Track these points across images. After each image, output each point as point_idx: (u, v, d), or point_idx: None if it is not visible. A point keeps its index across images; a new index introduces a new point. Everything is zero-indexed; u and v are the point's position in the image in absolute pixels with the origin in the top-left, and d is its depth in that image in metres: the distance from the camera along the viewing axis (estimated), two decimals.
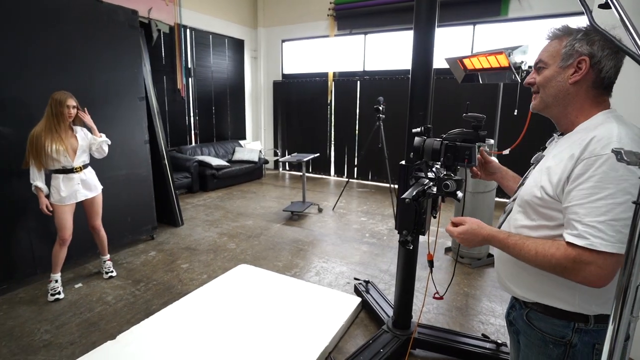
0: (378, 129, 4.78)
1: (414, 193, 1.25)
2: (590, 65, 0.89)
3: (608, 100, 0.94)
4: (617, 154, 0.59)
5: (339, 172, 7.20)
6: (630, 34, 0.76)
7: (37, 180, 2.50)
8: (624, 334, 0.62)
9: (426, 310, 2.56)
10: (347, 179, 6.11)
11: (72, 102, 2.53)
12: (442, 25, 5.68)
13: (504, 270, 1.09)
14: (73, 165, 2.60)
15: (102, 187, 2.85)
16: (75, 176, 2.63)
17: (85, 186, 2.70)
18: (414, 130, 1.44)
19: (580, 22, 0.93)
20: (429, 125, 1.41)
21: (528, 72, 2.98)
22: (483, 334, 2.16)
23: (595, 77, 0.90)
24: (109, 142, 2.81)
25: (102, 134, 2.76)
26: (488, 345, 2.02)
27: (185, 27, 5.97)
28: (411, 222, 1.27)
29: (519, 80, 2.84)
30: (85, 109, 2.69)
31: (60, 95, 2.49)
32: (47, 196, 2.56)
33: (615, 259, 0.80)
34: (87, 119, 2.68)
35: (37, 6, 2.68)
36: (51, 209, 2.55)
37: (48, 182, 2.57)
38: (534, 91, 1.02)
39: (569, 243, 0.84)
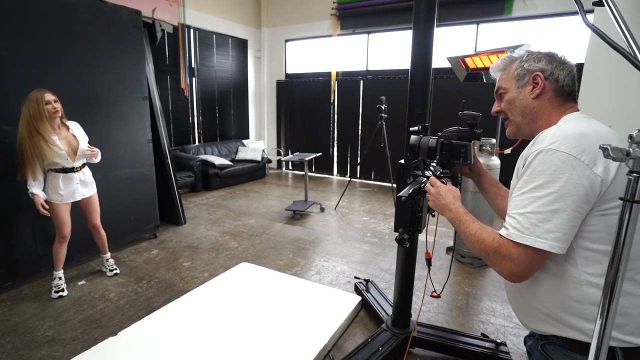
0: (380, 129, 4.78)
1: (410, 191, 1.26)
2: (545, 77, 0.96)
3: (575, 106, 0.98)
4: (604, 150, 0.59)
5: (341, 172, 7.20)
6: (623, 31, 0.76)
7: (34, 186, 2.44)
8: (611, 330, 0.62)
9: (426, 309, 2.56)
10: (349, 179, 6.11)
11: (50, 96, 2.41)
12: (446, 24, 5.67)
13: (515, 306, 1.05)
14: (74, 165, 2.59)
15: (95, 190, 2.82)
16: (75, 175, 2.62)
17: (83, 185, 2.70)
18: (411, 129, 1.45)
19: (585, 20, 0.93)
20: (426, 124, 1.42)
21: None
22: (482, 333, 2.15)
23: (555, 87, 0.96)
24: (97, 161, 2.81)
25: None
26: (487, 344, 2.02)
27: (189, 27, 6.00)
28: (407, 220, 1.27)
29: None
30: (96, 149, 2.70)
31: (35, 94, 2.38)
32: (46, 200, 2.52)
33: (531, 256, 0.82)
34: (98, 155, 2.71)
35: (41, 6, 2.71)
36: (47, 207, 2.49)
37: (46, 181, 2.55)
38: (503, 118, 1.07)
39: (500, 234, 0.89)
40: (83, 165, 2.70)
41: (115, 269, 3.03)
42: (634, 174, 0.57)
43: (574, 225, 0.81)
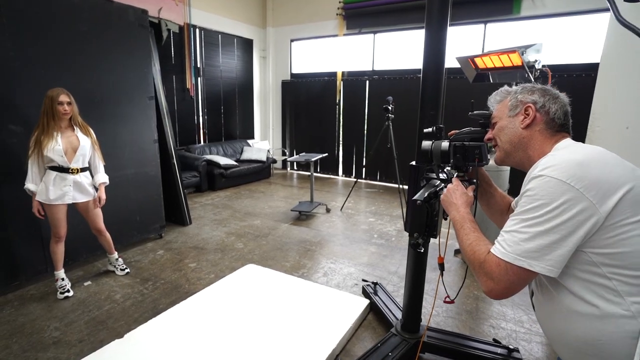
0: (387, 129, 4.74)
1: (426, 195, 1.22)
2: (536, 109, 0.99)
3: (567, 136, 1.00)
4: None
5: (347, 172, 7.16)
6: None
7: (29, 182, 2.45)
8: None
9: (435, 313, 2.52)
10: (355, 179, 6.06)
11: (65, 98, 2.46)
12: (453, 24, 5.60)
13: (563, 355, 0.97)
14: (70, 165, 2.53)
15: (95, 194, 2.75)
16: (69, 177, 2.54)
17: (77, 189, 2.60)
18: (425, 130, 1.41)
19: (595, 19, 0.91)
20: (440, 125, 1.38)
21: (542, 71, 2.89)
22: (494, 339, 2.11)
23: (546, 119, 0.98)
24: (106, 183, 2.79)
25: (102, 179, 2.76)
26: (499, 350, 1.98)
27: (194, 26, 5.99)
28: (422, 224, 1.24)
29: (532, 80, 2.78)
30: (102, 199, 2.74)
31: (52, 92, 2.43)
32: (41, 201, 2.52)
33: (511, 275, 0.84)
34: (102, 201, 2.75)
35: (47, 6, 2.70)
36: (43, 212, 2.51)
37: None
38: (493, 145, 1.10)
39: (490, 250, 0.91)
40: (83, 170, 2.63)
41: (126, 268, 3.03)
42: None
43: (559, 247, 0.81)
